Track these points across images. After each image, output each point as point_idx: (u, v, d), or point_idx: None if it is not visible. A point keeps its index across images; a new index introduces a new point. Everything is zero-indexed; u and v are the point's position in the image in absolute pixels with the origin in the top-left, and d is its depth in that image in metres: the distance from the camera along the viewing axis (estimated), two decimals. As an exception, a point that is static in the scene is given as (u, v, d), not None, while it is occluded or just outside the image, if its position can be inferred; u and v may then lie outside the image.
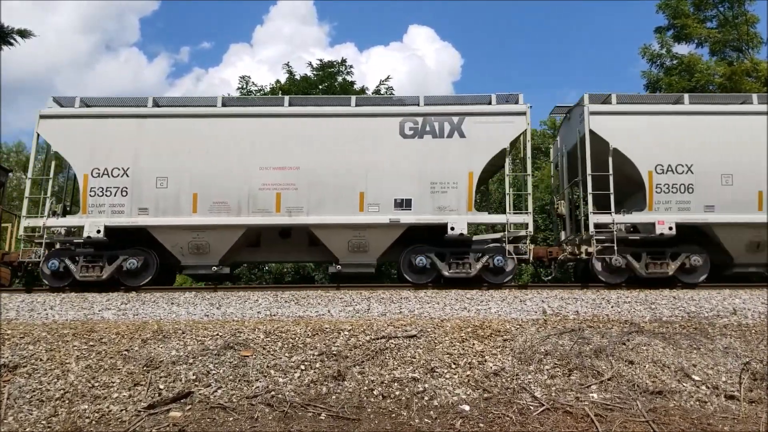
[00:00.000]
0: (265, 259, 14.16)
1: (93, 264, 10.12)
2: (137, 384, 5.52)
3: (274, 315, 7.70)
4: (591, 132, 10.54)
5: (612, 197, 10.27)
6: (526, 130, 10.60)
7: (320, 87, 20.71)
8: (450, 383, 5.58)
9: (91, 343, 6.24)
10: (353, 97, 11.08)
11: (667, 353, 6.11)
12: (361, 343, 6.25)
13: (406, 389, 5.47)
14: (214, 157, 10.39)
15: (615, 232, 10.07)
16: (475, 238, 10.73)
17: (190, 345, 6.20)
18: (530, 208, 10.47)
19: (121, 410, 5.17)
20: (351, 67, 21.47)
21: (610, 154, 10.40)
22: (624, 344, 6.25)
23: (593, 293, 9.02)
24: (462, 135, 10.46)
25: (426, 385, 5.52)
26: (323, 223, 10.23)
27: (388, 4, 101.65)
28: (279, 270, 17.68)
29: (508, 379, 5.66)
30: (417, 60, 72.14)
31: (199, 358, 5.94)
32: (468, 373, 5.74)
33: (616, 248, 9.95)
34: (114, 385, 5.51)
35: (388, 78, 21.59)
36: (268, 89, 21.02)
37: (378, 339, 6.32)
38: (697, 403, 5.35)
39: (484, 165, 10.44)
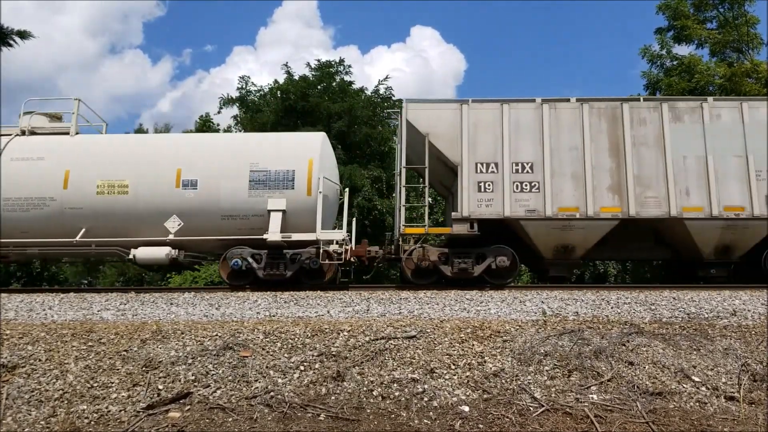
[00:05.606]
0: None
1: None
2: (136, 384, 5.51)
3: (274, 315, 7.69)
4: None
5: None
6: None
7: (319, 87, 20.67)
8: (449, 384, 5.57)
9: (90, 344, 6.23)
10: None
11: (666, 354, 6.10)
12: (360, 343, 6.24)
13: (406, 390, 5.47)
14: None
15: None
16: None
17: (189, 345, 6.19)
18: None
19: (120, 410, 5.16)
20: (349, 66, 21.43)
21: None
22: (624, 345, 6.25)
23: (593, 294, 9.01)
24: None
25: (425, 386, 5.51)
26: None
27: (389, 4, 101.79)
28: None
29: (508, 380, 5.65)
30: (421, 61, 72.25)
31: (198, 358, 5.93)
32: (467, 374, 5.74)
33: None
34: (113, 385, 5.50)
35: (387, 78, 21.52)
36: (267, 89, 20.99)
37: (377, 340, 6.31)
38: (697, 404, 5.34)
39: None
